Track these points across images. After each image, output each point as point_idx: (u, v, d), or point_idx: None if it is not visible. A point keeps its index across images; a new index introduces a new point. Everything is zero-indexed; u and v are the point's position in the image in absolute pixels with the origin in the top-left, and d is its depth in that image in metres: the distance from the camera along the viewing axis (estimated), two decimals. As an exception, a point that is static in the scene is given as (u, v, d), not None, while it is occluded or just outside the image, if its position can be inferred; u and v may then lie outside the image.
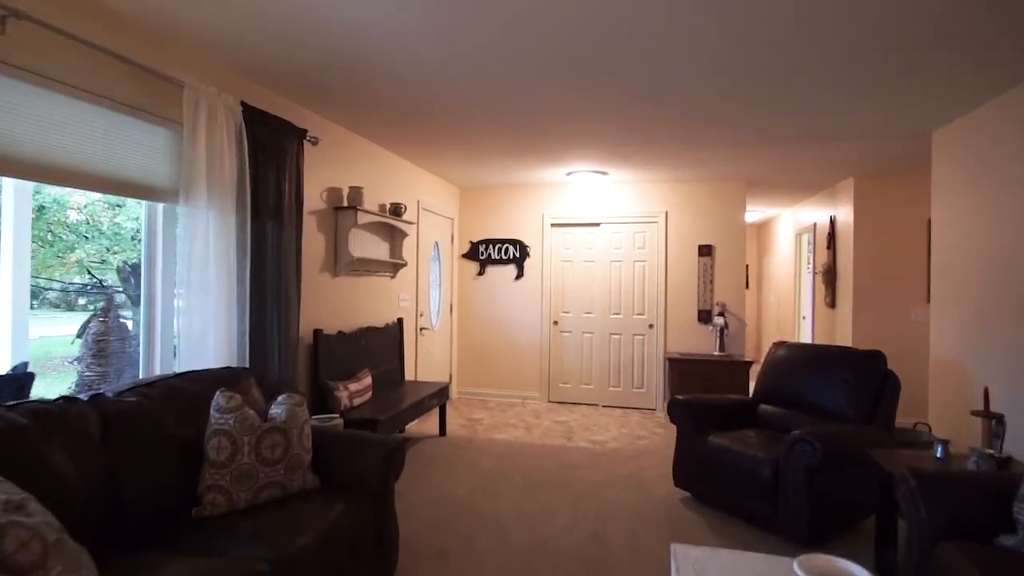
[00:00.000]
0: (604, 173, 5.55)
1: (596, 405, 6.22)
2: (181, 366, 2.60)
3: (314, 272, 3.80)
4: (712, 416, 3.58)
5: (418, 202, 5.46)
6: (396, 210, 4.71)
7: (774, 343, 3.89)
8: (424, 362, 5.63)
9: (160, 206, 2.74)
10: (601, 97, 3.41)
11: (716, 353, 5.76)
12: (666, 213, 6.05)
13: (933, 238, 4.09)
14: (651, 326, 6.10)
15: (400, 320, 4.96)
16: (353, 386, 3.84)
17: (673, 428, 5.36)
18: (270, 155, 3.19)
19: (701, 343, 5.95)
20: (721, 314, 5.78)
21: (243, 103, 2.94)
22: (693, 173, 5.62)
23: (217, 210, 2.74)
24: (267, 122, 3.16)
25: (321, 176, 3.87)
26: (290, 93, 3.44)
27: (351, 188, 4.08)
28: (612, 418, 5.68)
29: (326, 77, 3.16)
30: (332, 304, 4.00)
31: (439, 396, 4.68)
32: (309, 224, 3.73)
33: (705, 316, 5.95)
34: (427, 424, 5.12)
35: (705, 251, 5.96)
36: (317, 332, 3.70)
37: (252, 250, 3.03)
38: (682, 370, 5.48)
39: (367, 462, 2.35)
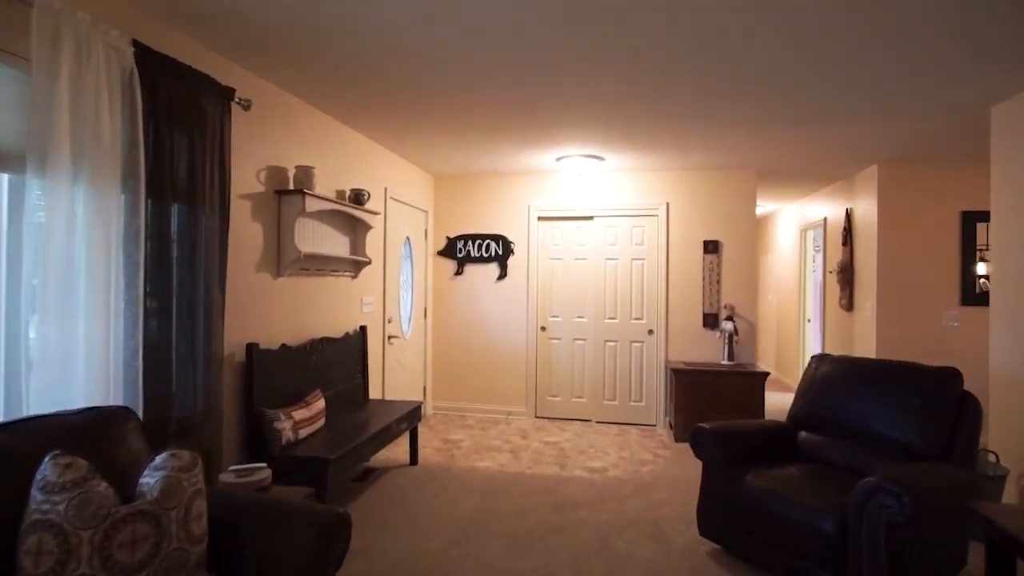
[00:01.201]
0: (599, 159, 4.86)
1: (589, 421, 5.53)
2: (31, 404, 1.82)
3: (247, 272, 3.03)
4: (745, 448, 2.90)
5: (385, 190, 4.70)
6: (358, 198, 3.95)
7: (814, 357, 3.23)
8: (393, 376, 4.88)
9: (3, 178, 1.95)
10: (599, 62, 2.72)
11: (724, 362, 5.11)
12: (667, 205, 5.39)
13: (992, 232, 3.48)
14: (651, 332, 5.44)
15: (363, 328, 4.20)
16: (300, 413, 3.08)
17: (680, 448, 4.78)
18: (179, 117, 2.41)
19: (707, 351, 5.31)
20: (730, 318, 5.14)
21: (136, 43, 2.17)
22: (699, 160, 4.96)
23: (90, 185, 1.97)
24: (176, 73, 2.39)
25: (258, 151, 3.09)
26: (214, 41, 2.66)
27: (299, 168, 3.31)
28: (609, 437, 4.99)
29: (264, 21, 2.40)
30: (273, 311, 3.23)
31: (410, 418, 3.93)
32: (240, 211, 2.95)
33: (711, 320, 5.30)
34: (396, 450, 4.37)
35: (711, 248, 5.31)
36: (251, 348, 2.92)
37: (150, 241, 2.26)
38: (688, 383, 4.82)
39: (293, 546, 1.61)
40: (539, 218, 5.65)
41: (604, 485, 3.78)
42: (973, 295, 4.81)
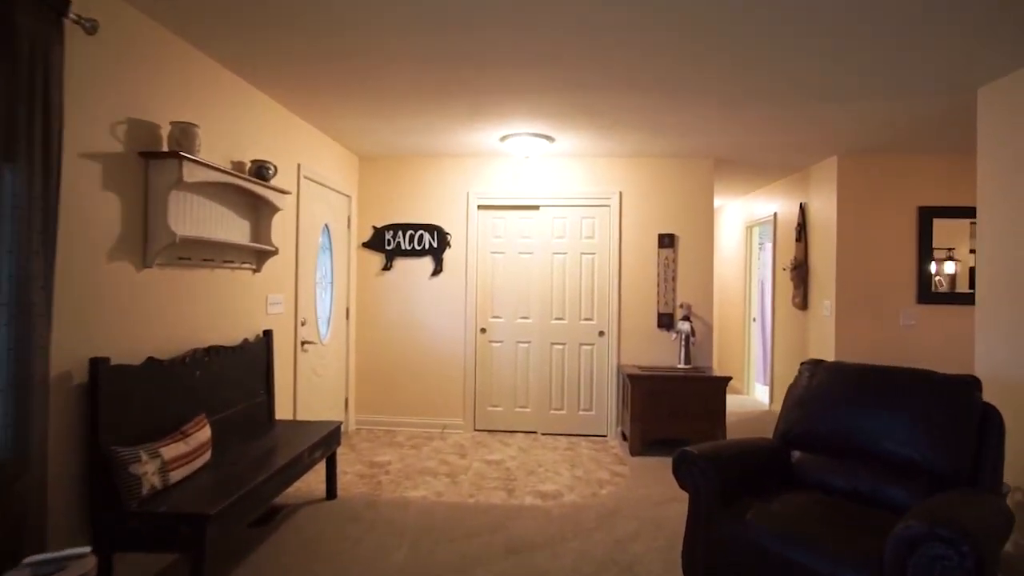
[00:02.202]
0: (548, 139, 4.30)
1: (535, 433, 4.98)
2: None
3: (95, 260, 2.22)
4: (738, 474, 2.43)
5: (298, 167, 3.93)
6: (261, 172, 3.19)
7: (806, 364, 2.82)
8: (308, 389, 4.11)
9: None
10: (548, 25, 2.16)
11: (681, 366, 4.71)
12: (620, 195, 4.92)
13: (979, 220, 3.21)
14: (601, 334, 4.95)
15: (268, 333, 3.43)
16: (173, 449, 2.31)
17: (637, 464, 4.20)
18: (-36, 23, 1.62)
19: (662, 354, 4.88)
20: (686, 318, 4.74)
21: None
22: (655, 146, 4.52)
23: None
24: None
25: (113, 97, 2.29)
26: (30, -73, 1.86)
27: (176, 125, 2.53)
28: (558, 452, 4.45)
29: None
30: (136, 314, 2.43)
31: (327, 443, 3.21)
32: (84, 176, 2.15)
33: (667, 321, 4.89)
34: (311, 477, 3.62)
35: (667, 241, 4.89)
36: (98, 363, 2.13)
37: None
38: (645, 390, 4.36)
39: None
40: (480, 207, 5.03)
41: (561, 516, 3.22)
42: (929, 293, 4.66)
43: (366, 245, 5.07)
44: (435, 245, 5.02)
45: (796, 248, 5.38)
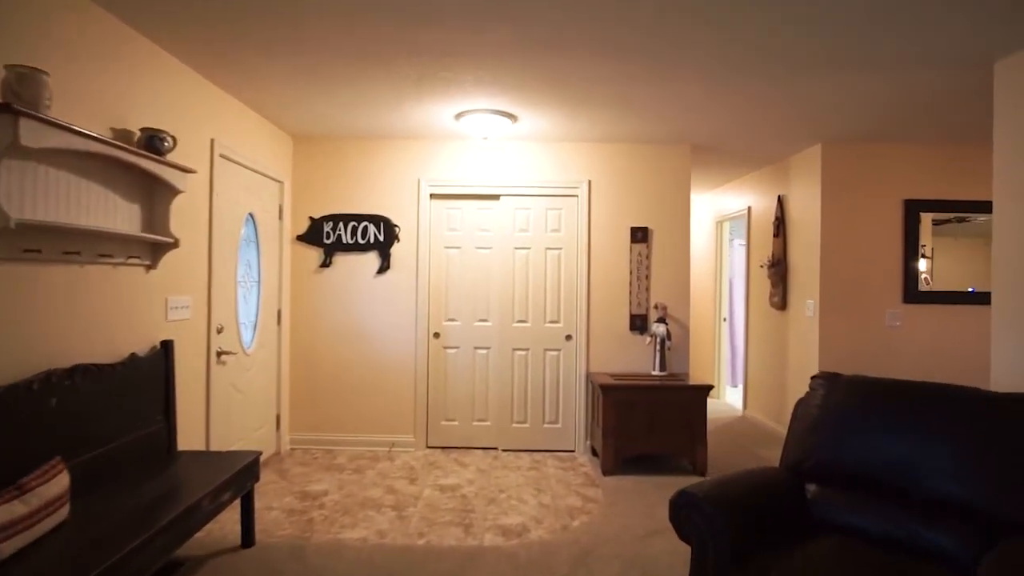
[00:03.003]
0: (510, 117, 3.78)
1: (495, 450, 4.45)
2: None
3: None
4: (752, 517, 1.96)
5: (212, 143, 3.27)
6: (153, 143, 2.54)
7: (820, 378, 2.38)
8: (227, 409, 3.46)
9: None
10: None
11: (656, 372, 4.27)
12: (589, 184, 4.44)
13: (995, 208, 2.86)
14: (569, 338, 4.47)
15: (167, 344, 2.78)
16: (5, 512, 1.67)
17: (611, 485, 3.65)
18: None
19: (635, 360, 4.43)
20: (662, 320, 4.30)
21: None
22: (628, 130, 4.06)
23: None
24: None
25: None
26: None
27: (12, 70, 1.87)
28: (521, 473, 3.94)
29: None
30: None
31: (239, 481, 2.59)
32: None
33: (640, 323, 4.44)
34: (226, 515, 2.99)
35: (640, 236, 4.44)
36: None
37: None
38: (618, 401, 3.89)
39: None
40: (433, 196, 4.46)
41: (528, 560, 2.70)
42: (916, 292, 4.36)
43: (302, 239, 4.42)
44: (381, 239, 4.42)
45: (773, 244, 5.03)
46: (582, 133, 4.19)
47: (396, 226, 4.43)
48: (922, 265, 4.37)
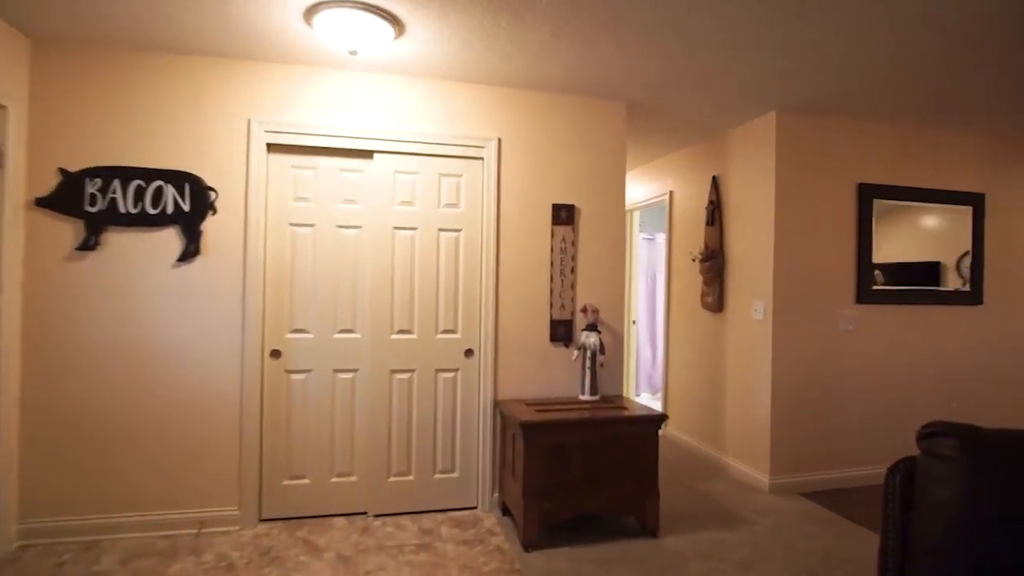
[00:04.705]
0: (393, 22, 2.48)
1: (364, 515, 3.11)
2: None
3: None
4: None
5: None
6: None
7: (940, 434, 1.40)
8: None
9: None
10: None
11: (585, 397, 3.21)
12: (499, 144, 3.27)
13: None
14: (470, 353, 3.26)
15: None
16: None
17: (537, 566, 2.46)
18: None
19: (557, 380, 3.35)
20: (593, 327, 3.25)
21: None
22: (548, 72, 2.96)
23: None
24: None
25: None
26: None
27: None
28: (404, 557, 2.66)
29: None
30: None
31: None
32: None
33: (564, 332, 3.36)
34: None
35: (564, 216, 3.36)
36: None
37: None
38: (546, 445, 2.76)
39: None
40: (272, 147, 3.01)
41: None
42: (869, 291, 3.77)
43: (45, 203, 2.74)
44: (187, 208, 2.88)
45: (707, 234, 4.23)
46: (493, 72, 3.01)
47: (211, 189, 2.91)
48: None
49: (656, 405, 5.82)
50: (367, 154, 3.13)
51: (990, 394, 4.05)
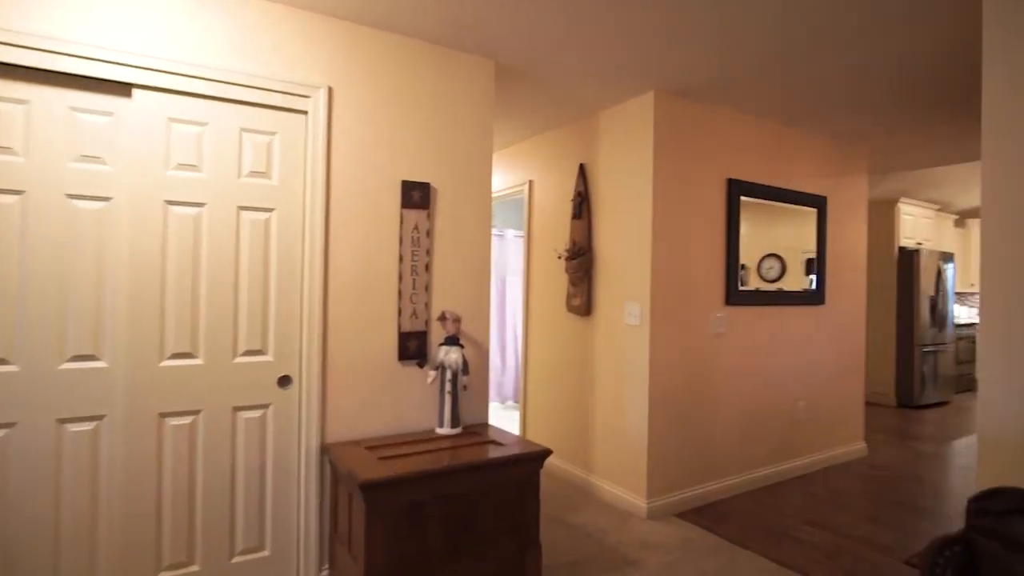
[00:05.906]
0: None
1: (115, 637, 2.06)
2: None
3: None
4: None
5: None
6: None
7: (991, 496, 0.96)
8: None
9: None
10: None
11: (445, 431, 2.51)
12: (330, 94, 2.41)
13: (983, 199, 1.94)
14: (287, 381, 2.35)
15: None
16: None
17: None
18: None
19: (408, 408, 2.59)
20: (453, 340, 2.55)
21: None
22: (398, 8, 2.21)
23: None
24: None
25: None
26: None
27: None
28: None
29: None
30: None
31: None
32: None
33: (417, 347, 2.61)
34: None
35: (418, 197, 2.61)
36: None
37: None
38: (397, 506, 2.01)
39: None
40: (-70, 56, 1.82)
41: None
42: (738, 292, 3.59)
43: None
44: None
45: (573, 228, 3.77)
46: (320, -13, 2.16)
47: None
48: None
49: (508, 417, 5.31)
50: (123, 88, 2.07)
51: (827, 387, 4.16)
